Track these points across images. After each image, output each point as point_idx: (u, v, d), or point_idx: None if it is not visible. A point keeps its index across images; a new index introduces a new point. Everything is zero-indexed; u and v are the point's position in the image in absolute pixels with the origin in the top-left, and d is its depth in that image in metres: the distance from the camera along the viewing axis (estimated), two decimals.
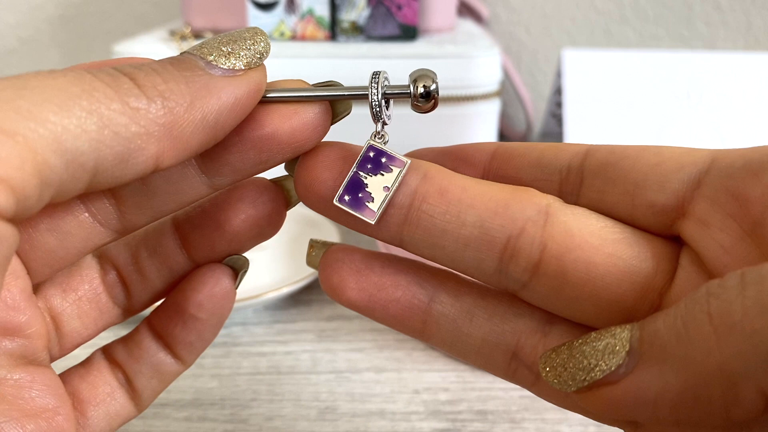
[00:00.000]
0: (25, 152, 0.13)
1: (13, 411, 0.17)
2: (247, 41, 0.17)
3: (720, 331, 0.13)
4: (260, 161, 0.18)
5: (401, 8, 0.51)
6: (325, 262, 0.20)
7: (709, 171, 0.16)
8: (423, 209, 0.18)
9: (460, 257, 0.18)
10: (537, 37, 0.72)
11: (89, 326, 0.20)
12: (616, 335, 0.15)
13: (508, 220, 0.17)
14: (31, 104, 0.13)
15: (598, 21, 0.71)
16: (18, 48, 0.76)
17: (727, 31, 0.69)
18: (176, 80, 0.15)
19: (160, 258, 0.21)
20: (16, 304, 0.17)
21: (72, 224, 0.18)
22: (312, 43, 0.51)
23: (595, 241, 0.17)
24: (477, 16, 0.67)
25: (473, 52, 0.50)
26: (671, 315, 0.14)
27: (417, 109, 0.18)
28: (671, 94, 0.54)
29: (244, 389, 0.33)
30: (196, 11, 0.54)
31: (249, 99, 0.17)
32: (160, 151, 0.15)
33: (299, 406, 0.32)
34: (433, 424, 0.30)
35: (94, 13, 0.75)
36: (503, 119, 0.65)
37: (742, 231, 0.15)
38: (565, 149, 0.18)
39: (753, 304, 0.12)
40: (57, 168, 0.14)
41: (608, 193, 0.17)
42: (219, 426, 0.30)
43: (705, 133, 0.53)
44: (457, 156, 0.20)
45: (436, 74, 0.18)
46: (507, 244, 0.17)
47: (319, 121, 0.18)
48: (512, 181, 0.18)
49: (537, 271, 0.17)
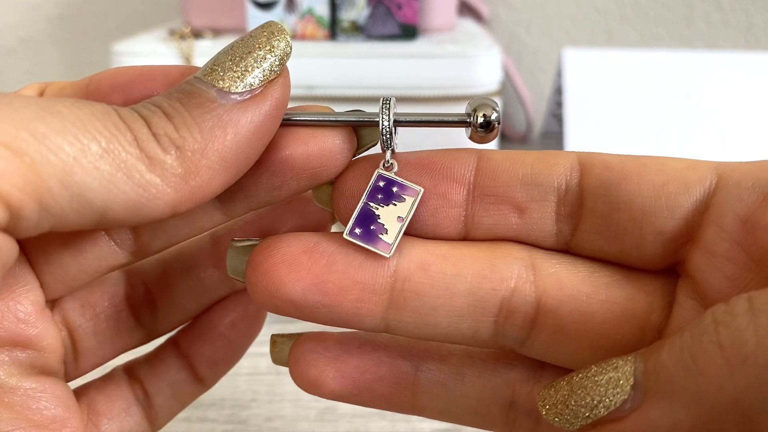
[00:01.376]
0: (29, 174, 0.13)
1: (20, 420, 0.16)
2: (264, 49, 0.16)
3: (733, 362, 0.12)
4: (273, 187, 0.17)
5: (401, 8, 0.51)
6: (295, 357, 0.18)
7: (716, 192, 0.15)
8: (408, 289, 0.17)
9: (455, 331, 0.17)
10: (537, 36, 0.72)
11: (105, 345, 0.20)
12: (619, 368, 0.14)
13: (498, 281, 0.17)
14: (49, 129, 0.13)
15: (598, 20, 0.71)
16: (18, 48, 0.76)
17: (728, 30, 0.69)
18: (188, 126, 0.15)
19: (194, 274, 0.20)
20: (27, 318, 0.17)
21: (87, 241, 0.18)
22: (312, 43, 0.51)
23: (586, 288, 0.17)
24: (477, 16, 0.67)
25: (473, 52, 0.50)
26: (676, 346, 0.13)
27: (476, 139, 0.17)
28: (671, 94, 0.54)
29: (244, 389, 0.32)
30: (195, 10, 0.54)
31: (270, 121, 0.16)
32: (177, 200, 0.15)
33: (299, 406, 0.31)
34: (433, 425, 0.30)
35: (94, 13, 0.75)
36: (503, 119, 0.65)
37: (749, 260, 0.15)
38: (555, 162, 0.17)
39: (766, 335, 0.12)
40: (61, 198, 0.13)
41: (614, 220, 0.16)
42: (219, 426, 0.30)
43: (705, 133, 0.53)
44: (437, 170, 0.17)
45: (497, 103, 0.17)
46: (501, 306, 0.17)
47: (338, 148, 0.17)
48: (504, 201, 0.17)
49: (534, 326, 0.17)
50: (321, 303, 0.16)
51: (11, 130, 0.13)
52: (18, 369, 0.17)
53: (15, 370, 0.17)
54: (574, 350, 0.17)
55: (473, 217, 0.17)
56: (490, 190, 0.17)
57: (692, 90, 0.54)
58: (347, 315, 0.17)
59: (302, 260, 0.17)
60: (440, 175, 0.17)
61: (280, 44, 0.16)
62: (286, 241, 0.17)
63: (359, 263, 0.17)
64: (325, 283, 0.16)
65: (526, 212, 0.17)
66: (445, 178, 0.17)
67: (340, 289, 0.16)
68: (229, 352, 0.21)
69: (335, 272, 0.16)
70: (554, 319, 0.16)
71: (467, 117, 0.17)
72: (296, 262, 0.16)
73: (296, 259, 0.17)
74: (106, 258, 0.18)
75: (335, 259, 0.17)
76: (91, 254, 0.18)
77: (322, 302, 0.16)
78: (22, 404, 0.17)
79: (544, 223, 0.17)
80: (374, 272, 0.17)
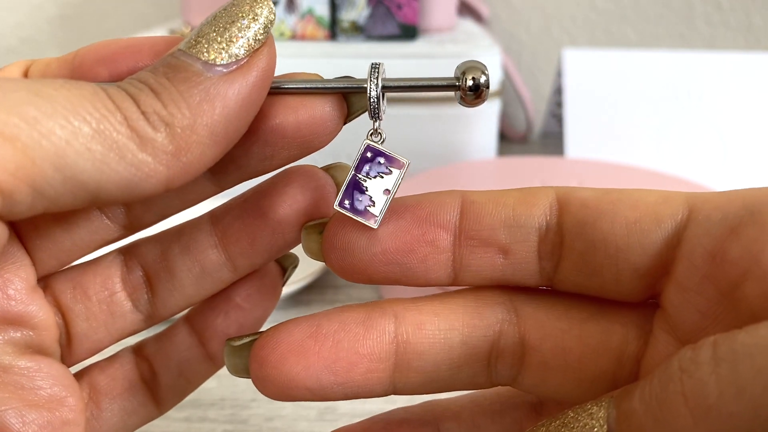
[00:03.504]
0: (21, 159, 0.13)
1: (14, 399, 0.16)
2: (247, 17, 0.15)
3: (696, 414, 0.12)
4: (264, 156, 0.17)
5: (401, 8, 0.51)
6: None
7: (688, 226, 0.16)
8: (410, 351, 0.17)
9: (456, 379, 0.18)
10: (537, 36, 0.72)
11: (99, 330, 0.19)
12: (593, 415, 0.14)
13: (485, 328, 0.17)
14: (39, 113, 0.13)
15: (598, 20, 0.71)
16: (18, 48, 0.76)
17: (728, 30, 0.69)
18: (176, 102, 0.15)
19: (192, 255, 0.19)
20: (17, 295, 0.17)
21: (79, 216, 0.17)
22: (312, 43, 0.51)
23: (563, 325, 0.17)
24: (477, 16, 0.67)
25: (473, 52, 0.50)
26: (646, 393, 0.13)
27: (464, 102, 0.17)
28: (671, 94, 0.54)
29: (244, 389, 0.32)
30: (195, 10, 0.54)
31: (258, 92, 0.16)
32: (169, 177, 0.15)
33: (299, 406, 0.31)
34: None
35: (94, 13, 0.75)
36: (503, 119, 0.65)
37: (718, 293, 0.15)
38: (535, 202, 0.17)
39: (728, 386, 0.12)
40: (54, 181, 0.13)
41: (591, 257, 0.17)
42: (219, 426, 0.30)
43: (705, 133, 0.53)
44: (420, 217, 0.18)
45: (486, 66, 0.17)
46: (491, 349, 0.17)
47: (328, 116, 0.17)
48: (489, 243, 0.17)
49: (522, 364, 0.18)
50: (334, 383, 0.17)
51: (1, 115, 0.13)
52: (12, 348, 0.17)
53: (9, 348, 0.17)
54: (560, 384, 0.17)
55: (461, 261, 0.18)
56: (475, 233, 0.17)
57: (692, 90, 0.54)
58: (358, 387, 0.17)
59: (310, 346, 0.17)
60: (427, 222, 0.18)
61: (263, 11, 0.16)
62: (287, 331, 0.17)
63: (362, 336, 0.17)
64: (335, 362, 0.17)
65: (510, 253, 0.17)
66: (432, 225, 0.17)
67: (350, 365, 0.17)
68: (243, 324, 0.21)
69: (343, 350, 0.17)
70: (538, 357, 0.17)
71: (456, 81, 0.17)
72: (304, 349, 0.17)
73: (303, 345, 0.17)
74: (98, 232, 0.18)
75: (340, 338, 0.17)
76: (84, 229, 0.18)
77: (335, 381, 0.17)
78: (16, 383, 0.17)
79: (528, 262, 0.17)
80: (377, 342, 0.17)
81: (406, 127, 0.50)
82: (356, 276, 0.18)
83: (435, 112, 0.50)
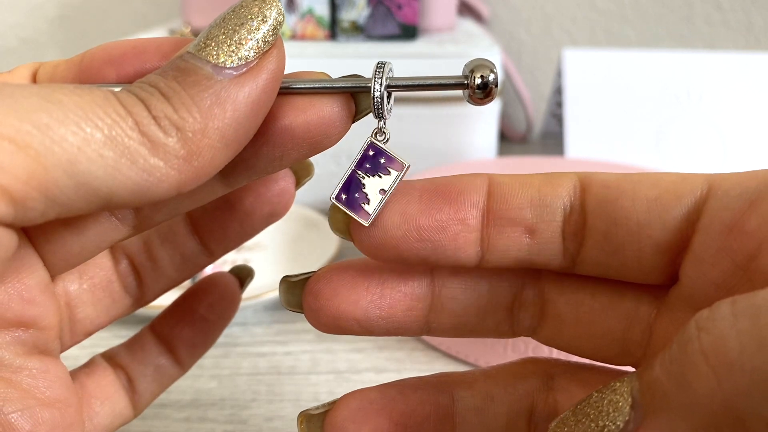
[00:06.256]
0: (34, 167, 0.13)
1: (29, 399, 0.16)
2: (256, 19, 0.15)
3: (718, 371, 0.12)
4: (274, 157, 0.17)
5: (401, 8, 0.51)
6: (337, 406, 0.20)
7: (707, 201, 0.16)
8: (444, 294, 0.19)
9: (483, 326, 0.19)
10: (537, 36, 0.72)
11: (101, 314, 0.20)
12: (617, 390, 0.14)
13: (510, 280, 0.19)
14: (51, 119, 0.13)
15: (598, 20, 0.71)
16: (18, 48, 0.76)
17: (728, 30, 0.69)
18: (186, 106, 0.15)
19: (172, 245, 0.21)
20: (32, 298, 0.17)
21: (89, 220, 0.18)
22: (312, 43, 0.51)
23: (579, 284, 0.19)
24: (477, 16, 0.67)
25: (473, 52, 0.50)
26: (666, 359, 0.13)
27: (473, 101, 0.17)
28: (671, 94, 0.54)
29: (244, 390, 0.32)
30: (195, 10, 0.54)
31: (267, 94, 0.16)
32: (181, 181, 0.15)
33: (299, 406, 0.31)
34: None
35: (94, 13, 0.75)
36: (503, 119, 0.65)
37: (734, 266, 0.15)
38: (559, 183, 0.18)
39: (750, 340, 0.12)
40: (66, 188, 0.13)
41: (613, 235, 0.17)
42: (219, 426, 0.30)
43: (705, 133, 0.53)
44: (449, 196, 0.18)
45: (495, 64, 0.17)
46: (514, 300, 0.19)
47: (337, 116, 0.17)
48: (516, 223, 0.18)
49: (542, 315, 0.19)
50: (379, 317, 0.19)
51: (14, 122, 0.13)
52: (23, 349, 0.17)
53: (20, 350, 0.17)
54: (572, 336, 0.19)
55: (488, 241, 0.18)
56: (503, 213, 0.18)
57: (692, 90, 0.54)
58: (399, 324, 0.19)
59: (360, 282, 0.19)
60: (458, 201, 0.18)
61: (272, 13, 0.16)
62: (341, 268, 0.19)
63: (406, 277, 0.19)
64: (381, 299, 0.19)
65: (536, 233, 0.18)
66: (463, 204, 0.18)
67: (394, 301, 0.19)
68: (207, 333, 0.22)
69: (388, 288, 0.19)
70: (554, 309, 0.19)
71: (464, 79, 0.17)
72: (355, 285, 0.19)
73: (354, 281, 0.19)
74: (108, 234, 0.18)
75: (386, 277, 0.19)
76: (93, 231, 0.18)
77: (380, 316, 0.19)
78: (29, 384, 0.17)
79: (553, 242, 0.18)
80: (417, 283, 0.19)
81: (406, 126, 0.50)
82: (386, 253, 0.18)
83: (435, 112, 0.50)
